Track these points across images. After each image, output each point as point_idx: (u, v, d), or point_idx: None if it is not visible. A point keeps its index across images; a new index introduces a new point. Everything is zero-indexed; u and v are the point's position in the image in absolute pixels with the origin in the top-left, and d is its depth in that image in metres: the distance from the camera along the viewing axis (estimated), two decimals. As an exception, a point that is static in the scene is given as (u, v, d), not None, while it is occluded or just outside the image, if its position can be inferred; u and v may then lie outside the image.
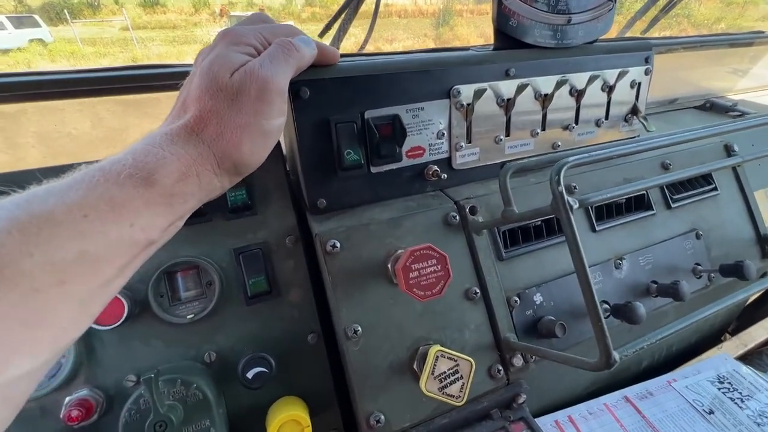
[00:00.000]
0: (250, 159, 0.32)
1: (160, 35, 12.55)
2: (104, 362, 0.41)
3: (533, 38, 0.54)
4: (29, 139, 0.46)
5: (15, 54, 9.40)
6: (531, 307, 0.52)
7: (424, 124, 0.51)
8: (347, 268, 0.45)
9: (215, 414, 0.40)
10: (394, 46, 12.97)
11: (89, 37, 11.60)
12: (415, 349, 0.46)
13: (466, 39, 13.17)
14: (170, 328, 0.43)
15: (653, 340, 0.38)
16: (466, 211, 0.51)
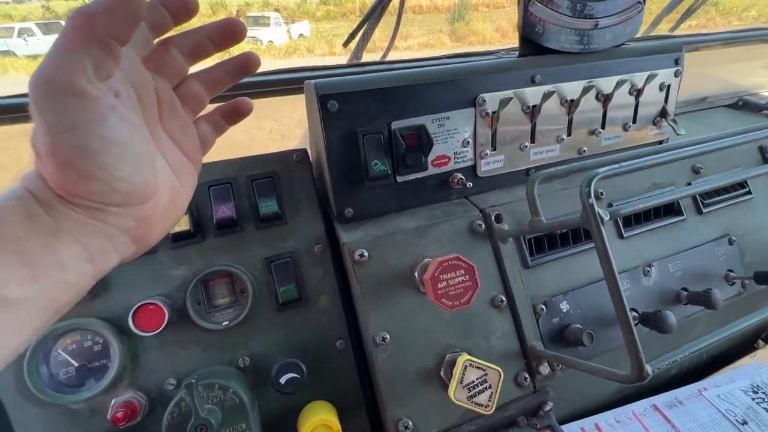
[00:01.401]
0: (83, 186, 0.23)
1: (180, 37, 12.79)
2: (146, 366, 0.43)
3: (559, 44, 0.53)
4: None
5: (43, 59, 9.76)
6: (557, 315, 0.52)
7: (450, 133, 0.51)
8: (375, 276, 0.46)
9: (251, 417, 0.41)
10: (409, 43, 12.90)
11: (112, 41, 11.91)
12: (442, 356, 0.47)
13: (481, 34, 13.00)
14: (207, 334, 0.45)
15: (687, 353, 0.38)
16: (491, 219, 0.51)
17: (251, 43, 11.18)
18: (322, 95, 0.44)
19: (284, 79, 0.63)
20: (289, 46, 11.48)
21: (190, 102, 0.30)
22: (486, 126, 0.52)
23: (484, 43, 12.07)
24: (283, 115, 0.76)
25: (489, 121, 0.52)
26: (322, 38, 12.31)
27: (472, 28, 13.90)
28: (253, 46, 11.07)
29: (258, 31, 11.23)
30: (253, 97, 0.65)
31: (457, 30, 13.65)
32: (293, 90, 0.63)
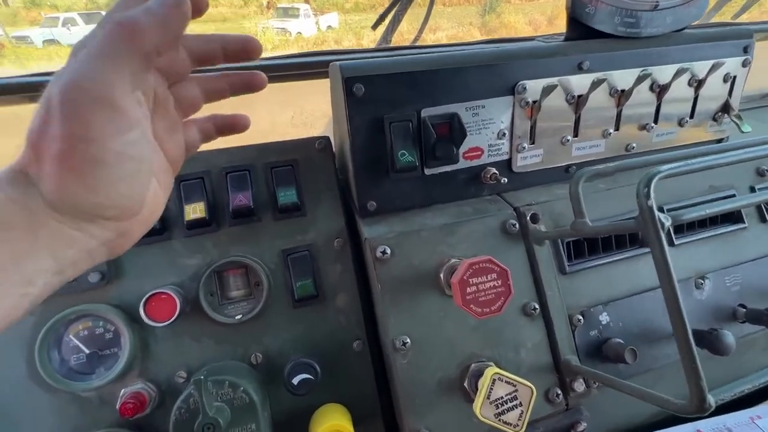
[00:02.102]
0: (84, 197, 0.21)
1: (212, 28, 13.10)
2: (157, 357, 0.42)
3: (612, 27, 0.48)
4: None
5: (84, 48, 10.20)
6: (596, 327, 0.47)
7: (484, 124, 0.47)
8: (397, 276, 0.43)
9: (261, 417, 0.39)
10: (437, 36, 12.66)
11: (148, 31, 12.31)
12: (466, 366, 0.43)
13: (513, 27, 12.59)
14: (219, 327, 0.43)
15: (756, 384, 0.32)
16: (526, 218, 0.47)
17: (280, 35, 11.28)
18: (347, 78, 0.40)
19: (309, 62, 0.59)
20: (317, 38, 11.51)
21: (183, 103, 0.28)
22: (525, 117, 0.48)
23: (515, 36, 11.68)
24: (306, 101, 0.73)
25: (529, 111, 0.48)
26: (350, 30, 12.27)
27: (503, 20, 13.48)
28: (282, 37, 11.17)
29: (287, 23, 11.31)
30: (274, 80, 0.63)
31: (488, 23, 13.28)
32: (317, 74, 0.60)
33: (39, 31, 10.47)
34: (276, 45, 10.83)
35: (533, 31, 12.18)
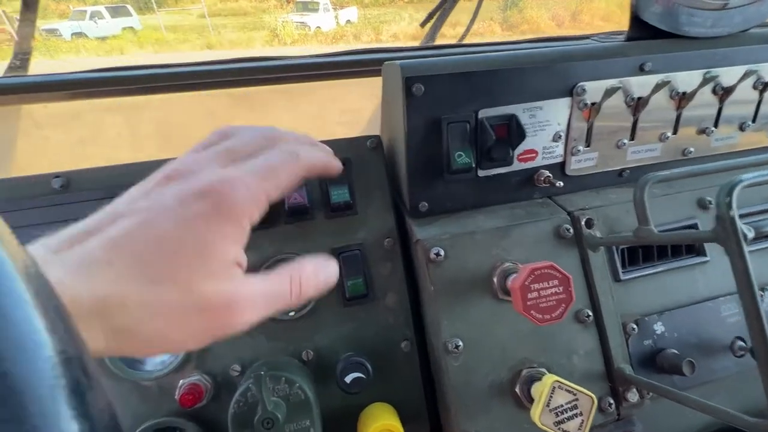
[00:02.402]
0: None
1: (233, 22, 13.26)
2: (213, 350, 0.42)
3: (677, 26, 0.46)
4: (149, 130, 0.49)
5: (111, 41, 10.47)
6: (650, 337, 0.46)
7: (541, 126, 0.46)
8: (450, 278, 0.43)
9: (314, 414, 0.39)
10: (457, 31, 12.49)
11: (171, 25, 12.57)
12: (518, 371, 0.42)
13: (535, 22, 12.34)
14: (273, 323, 0.43)
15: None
16: (581, 223, 0.46)
17: (299, 29, 11.33)
18: (407, 77, 0.40)
19: (350, 60, 0.59)
20: (336, 32, 11.52)
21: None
22: (582, 119, 0.47)
23: (537, 32, 11.45)
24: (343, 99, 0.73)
25: (586, 113, 0.46)
26: (369, 25, 12.22)
27: (525, 16, 13.20)
28: (301, 31, 11.22)
29: (307, 17, 11.34)
30: (317, 78, 0.63)
31: (509, 18, 13.03)
32: (359, 73, 0.60)
33: (67, 24, 10.76)
34: (295, 39, 10.88)
35: (556, 26, 11.90)
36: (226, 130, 0.27)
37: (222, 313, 0.21)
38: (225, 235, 0.22)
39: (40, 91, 0.45)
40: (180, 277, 0.20)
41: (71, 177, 0.41)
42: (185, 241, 0.21)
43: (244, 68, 0.50)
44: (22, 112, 0.48)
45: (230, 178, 0.22)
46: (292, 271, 0.25)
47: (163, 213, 0.21)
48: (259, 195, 0.23)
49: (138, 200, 0.22)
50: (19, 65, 0.49)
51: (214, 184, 0.22)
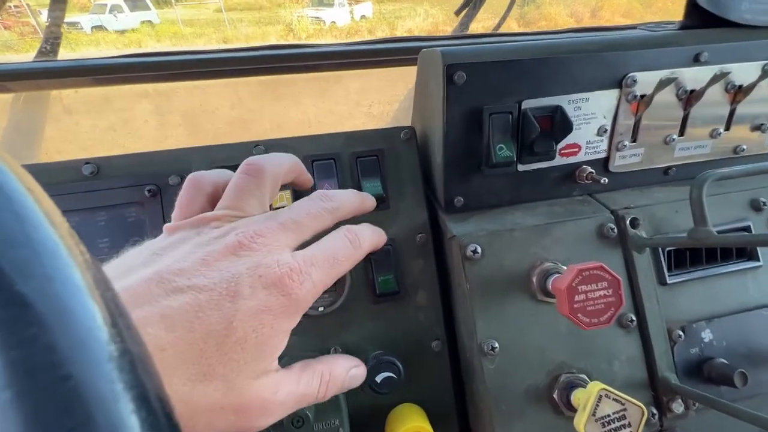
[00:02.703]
0: None
1: (248, 16, 13.31)
2: (240, 344, 0.41)
3: (739, 14, 0.43)
4: (177, 117, 0.48)
5: (129, 34, 10.63)
6: (697, 345, 0.43)
7: (586, 118, 0.43)
8: (487, 276, 0.41)
9: (344, 413, 0.38)
10: (472, 27, 12.28)
11: (188, 19, 12.68)
12: (555, 376, 0.40)
13: (553, 19, 12.09)
14: (302, 319, 0.42)
15: None
16: (626, 223, 0.43)
17: (314, 24, 11.32)
18: (449, 65, 0.38)
19: (378, 49, 0.57)
20: (350, 27, 11.47)
21: None
22: (630, 112, 0.44)
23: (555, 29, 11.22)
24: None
25: (634, 106, 0.44)
26: (384, 20, 12.14)
27: (543, 12, 12.95)
28: (316, 26, 11.21)
29: (322, 12, 11.32)
30: (348, 67, 0.61)
31: (527, 14, 12.78)
32: (390, 62, 0.58)
33: (88, 18, 10.96)
34: (310, 34, 10.88)
35: (575, 22, 11.65)
36: (257, 166, 0.27)
37: (254, 414, 0.21)
38: (284, 331, 0.22)
39: (70, 76, 0.45)
40: (227, 374, 0.19)
41: (101, 164, 0.40)
42: (246, 337, 0.20)
43: (274, 55, 0.48)
44: (51, 97, 0.48)
45: (300, 270, 0.22)
46: (323, 371, 0.25)
47: (228, 298, 0.20)
48: (320, 289, 0.23)
49: (200, 268, 0.20)
50: (50, 50, 0.49)
51: (285, 277, 0.21)
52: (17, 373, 0.08)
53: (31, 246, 0.10)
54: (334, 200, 0.27)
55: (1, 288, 0.09)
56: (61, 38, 0.50)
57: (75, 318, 0.09)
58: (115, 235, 0.39)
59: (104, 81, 0.47)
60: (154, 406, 0.10)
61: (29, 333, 0.08)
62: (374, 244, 0.28)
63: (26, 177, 0.11)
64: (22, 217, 0.10)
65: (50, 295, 0.09)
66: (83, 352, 0.09)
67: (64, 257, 0.10)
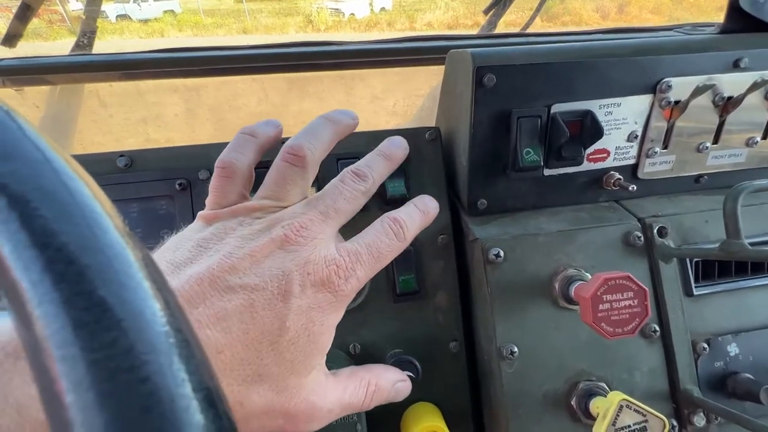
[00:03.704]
0: None
1: (268, 7, 13.35)
2: (262, 337, 0.42)
3: (784, 19, 0.41)
4: (205, 112, 0.49)
5: (152, 24, 10.80)
6: (722, 359, 0.42)
7: (617, 124, 0.42)
8: (508, 281, 0.41)
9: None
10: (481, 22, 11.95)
11: (209, 9, 12.79)
12: (574, 383, 0.40)
13: (578, 14, 11.75)
14: (322, 315, 0.43)
15: None
16: (653, 231, 0.42)
17: (333, 15, 11.28)
18: (479, 67, 0.38)
19: (405, 48, 0.57)
20: (369, 20, 11.39)
21: None
22: (662, 118, 0.43)
23: (579, 24, 10.91)
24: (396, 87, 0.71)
25: (668, 112, 0.43)
26: (403, 12, 12.02)
27: (567, 7, 12.60)
28: (335, 18, 11.17)
29: (341, 3, 11.27)
30: (368, 66, 0.61)
31: (550, 8, 12.46)
32: (409, 61, 0.58)
33: (113, 7, 11.17)
34: (329, 26, 10.85)
35: (601, 18, 11.30)
36: (300, 154, 0.26)
37: (302, 419, 0.21)
38: (331, 326, 0.22)
39: (104, 70, 0.46)
40: (282, 373, 0.19)
41: (135, 156, 0.42)
42: (298, 336, 0.20)
43: (301, 53, 0.48)
44: (86, 90, 0.50)
45: (346, 267, 0.23)
46: (369, 381, 0.25)
47: (279, 297, 0.20)
48: (363, 283, 0.24)
49: (250, 266, 0.20)
50: (86, 43, 0.51)
51: (332, 275, 0.22)
52: (100, 374, 0.09)
53: (103, 252, 0.10)
54: (367, 179, 0.28)
55: (83, 292, 0.09)
56: (96, 31, 0.52)
57: (147, 323, 0.10)
58: (146, 227, 0.41)
59: (137, 75, 0.48)
60: (218, 406, 0.10)
61: (110, 336, 0.09)
62: (421, 226, 0.29)
63: (91, 181, 0.12)
64: (92, 223, 0.11)
65: (126, 300, 0.10)
66: (156, 355, 0.09)
67: (133, 263, 0.11)
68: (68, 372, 0.09)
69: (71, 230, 0.10)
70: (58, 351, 0.09)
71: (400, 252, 0.27)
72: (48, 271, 0.09)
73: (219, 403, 0.10)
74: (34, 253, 0.09)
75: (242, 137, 0.28)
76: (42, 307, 0.09)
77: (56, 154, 0.12)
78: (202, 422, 0.09)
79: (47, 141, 0.12)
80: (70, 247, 0.10)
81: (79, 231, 0.10)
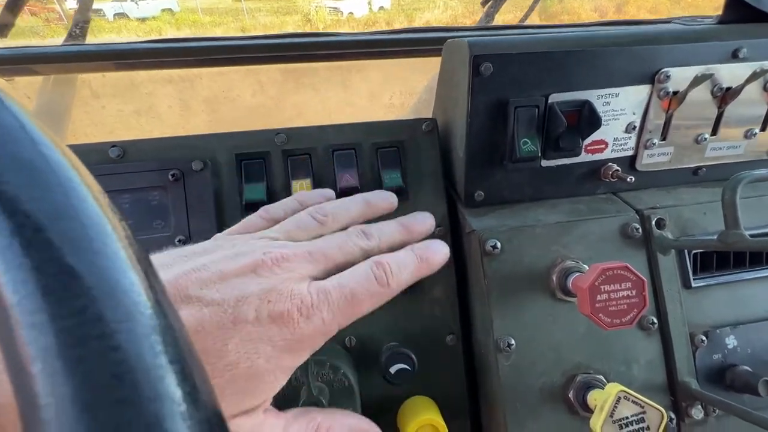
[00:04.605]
0: None
1: (266, 5, 13.31)
2: (257, 329, 0.42)
3: (783, 8, 0.41)
4: (199, 103, 0.48)
5: (150, 22, 10.75)
6: (720, 351, 0.42)
7: (615, 114, 0.42)
8: (506, 272, 0.40)
9: (357, 402, 0.38)
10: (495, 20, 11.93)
11: (207, 7, 12.75)
12: (572, 376, 0.40)
13: (576, 13, 11.76)
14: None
15: None
16: (651, 223, 0.42)
17: (332, 14, 11.26)
18: (476, 56, 0.37)
19: (401, 39, 0.57)
20: (368, 18, 11.37)
21: None
22: (661, 109, 0.43)
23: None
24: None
25: (666, 102, 0.42)
26: (402, 11, 12.00)
27: (565, 5, 12.62)
28: (333, 17, 11.15)
29: (340, 2, 11.25)
30: (364, 57, 0.61)
31: (549, 7, 12.48)
32: (405, 52, 0.57)
33: (111, 5, 11.12)
34: (328, 24, 10.83)
35: (599, 16, 11.33)
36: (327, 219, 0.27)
37: None
38: (282, 368, 0.20)
39: (97, 60, 0.46)
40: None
41: (127, 147, 0.41)
42: (237, 362, 0.18)
43: (296, 43, 0.48)
44: (79, 81, 0.49)
45: (311, 305, 0.20)
46: (321, 424, 0.23)
47: (231, 317, 0.19)
48: (332, 329, 0.21)
49: (215, 281, 0.20)
50: (79, 33, 0.50)
51: (294, 310, 0.20)
52: (68, 342, 0.08)
53: (79, 219, 0.10)
54: (371, 239, 0.26)
55: (51, 259, 0.09)
56: (90, 22, 0.51)
57: (122, 292, 0.09)
58: (138, 218, 0.40)
59: (130, 66, 0.48)
60: (196, 380, 0.10)
61: (79, 304, 0.09)
62: (417, 276, 0.25)
63: (71, 154, 0.11)
64: (69, 191, 0.10)
65: (99, 268, 0.09)
66: (131, 324, 0.09)
67: (110, 232, 0.10)
68: (35, 339, 0.08)
69: (45, 196, 0.10)
70: (25, 318, 0.08)
71: (384, 300, 0.23)
72: (17, 236, 0.09)
73: (197, 376, 0.10)
74: (2, 218, 0.09)
75: (292, 203, 0.30)
76: (9, 273, 0.09)
77: (34, 125, 0.11)
78: (179, 394, 0.09)
79: (24, 111, 0.11)
80: (40, 213, 0.09)
81: (52, 197, 0.10)
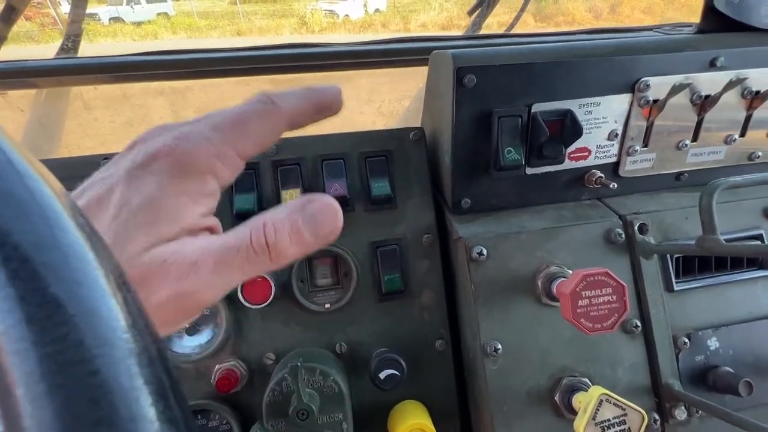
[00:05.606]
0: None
1: (262, 9, 13.33)
2: (249, 338, 0.43)
3: (759, 19, 0.42)
4: (191, 114, 0.49)
5: (145, 26, 10.75)
6: (702, 353, 0.43)
7: (597, 123, 0.43)
8: (492, 278, 0.41)
9: (347, 408, 0.39)
10: (486, 21, 11.99)
11: (203, 11, 12.76)
12: (558, 379, 0.41)
13: (571, 14, 11.83)
14: (308, 314, 0.43)
15: None
16: (634, 228, 0.43)
17: (328, 17, 11.29)
18: (459, 68, 0.38)
19: (390, 49, 0.58)
20: (364, 21, 11.40)
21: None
22: (642, 117, 0.44)
23: (573, 24, 10.98)
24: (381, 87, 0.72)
25: (647, 110, 0.43)
26: (398, 13, 12.05)
27: (560, 7, 12.68)
28: (329, 19, 11.17)
29: (336, 5, 11.28)
30: (358, 67, 0.62)
31: (544, 9, 12.53)
32: (394, 62, 0.58)
33: (105, 9, 11.10)
34: (324, 27, 10.85)
35: (593, 18, 11.38)
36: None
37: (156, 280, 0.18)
38: (183, 192, 0.20)
39: (89, 73, 0.46)
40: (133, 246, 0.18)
41: (119, 159, 0.42)
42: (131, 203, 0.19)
43: (286, 54, 0.49)
44: (71, 93, 0.49)
45: (187, 133, 0.20)
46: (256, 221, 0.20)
47: (122, 178, 0.20)
48: (224, 149, 0.21)
49: (106, 170, 0.21)
50: (71, 47, 0.51)
51: (169, 142, 0.20)
52: (51, 367, 0.09)
53: (60, 250, 0.11)
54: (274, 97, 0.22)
55: (36, 289, 0.10)
56: (82, 35, 0.51)
57: (101, 319, 0.10)
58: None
59: (122, 78, 0.48)
60: (170, 399, 0.10)
61: (62, 331, 0.09)
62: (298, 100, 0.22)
63: (54, 181, 0.12)
64: (51, 221, 0.11)
65: (80, 297, 0.10)
66: (109, 349, 0.10)
67: (91, 261, 0.11)
68: (19, 365, 0.09)
69: (28, 229, 0.11)
70: (11, 345, 0.09)
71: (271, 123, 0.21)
72: (2, 268, 0.10)
73: (171, 395, 0.10)
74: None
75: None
76: (-5, 303, 0.09)
77: (19, 155, 0.12)
78: (152, 413, 0.10)
79: (10, 142, 0.12)
80: (26, 245, 0.10)
81: (36, 230, 0.11)
